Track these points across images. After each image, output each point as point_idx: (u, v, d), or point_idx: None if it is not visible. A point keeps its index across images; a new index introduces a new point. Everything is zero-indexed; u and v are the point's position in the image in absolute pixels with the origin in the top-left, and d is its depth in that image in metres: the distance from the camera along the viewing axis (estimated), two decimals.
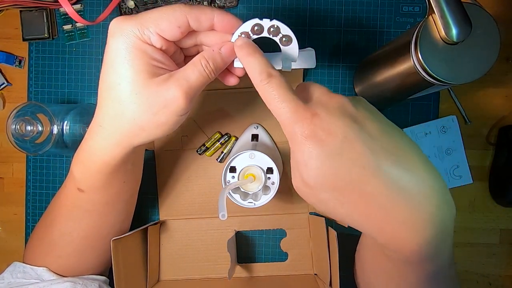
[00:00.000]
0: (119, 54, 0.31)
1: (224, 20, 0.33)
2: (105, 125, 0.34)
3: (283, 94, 0.29)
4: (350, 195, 0.27)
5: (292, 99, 0.29)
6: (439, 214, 0.27)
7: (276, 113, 0.29)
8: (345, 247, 0.42)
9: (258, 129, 0.52)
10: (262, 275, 0.53)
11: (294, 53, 0.35)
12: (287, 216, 0.53)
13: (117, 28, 0.32)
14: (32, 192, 0.54)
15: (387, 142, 0.28)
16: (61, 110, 0.48)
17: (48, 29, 0.52)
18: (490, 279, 0.53)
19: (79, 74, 0.54)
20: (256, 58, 0.31)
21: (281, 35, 0.34)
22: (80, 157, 0.38)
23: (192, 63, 0.33)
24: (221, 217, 0.38)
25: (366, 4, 0.52)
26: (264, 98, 0.30)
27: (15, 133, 0.45)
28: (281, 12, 0.53)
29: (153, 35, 0.32)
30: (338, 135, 0.27)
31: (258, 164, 0.42)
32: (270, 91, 0.29)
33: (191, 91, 0.32)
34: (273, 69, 0.30)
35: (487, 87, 0.53)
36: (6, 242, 0.55)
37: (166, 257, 0.53)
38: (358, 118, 0.28)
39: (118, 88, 0.32)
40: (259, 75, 0.30)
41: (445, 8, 0.31)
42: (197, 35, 0.35)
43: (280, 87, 0.29)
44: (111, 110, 0.33)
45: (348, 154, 0.27)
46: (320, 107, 0.28)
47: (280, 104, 0.29)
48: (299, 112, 0.28)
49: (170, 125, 0.34)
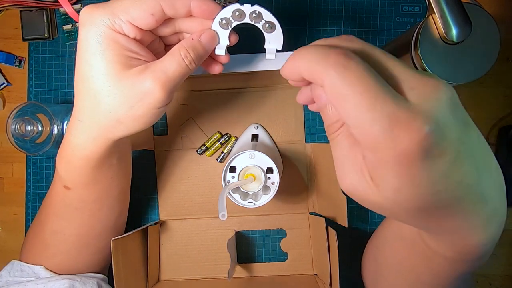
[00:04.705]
0: (91, 45, 0.30)
1: (202, 5, 0.31)
2: (83, 118, 0.33)
3: (372, 87, 0.20)
4: (440, 211, 0.23)
5: (387, 95, 0.20)
6: (501, 211, 0.25)
7: (356, 117, 0.20)
8: (345, 247, 0.42)
9: (258, 129, 0.52)
10: (262, 275, 0.53)
11: (278, 40, 0.33)
12: (287, 216, 0.53)
13: (87, 18, 0.30)
14: (32, 192, 0.54)
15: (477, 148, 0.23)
16: (61, 110, 0.48)
17: (48, 29, 0.52)
18: (490, 279, 0.53)
19: None
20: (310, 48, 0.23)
21: (264, 21, 0.32)
22: (62, 154, 0.37)
23: (171, 53, 0.31)
24: (221, 217, 0.38)
25: (366, 4, 0.52)
26: (335, 93, 0.20)
27: (15, 133, 0.45)
28: (281, 12, 0.53)
29: (125, 24, 0.30)
30: (452, 152, 0.20)
31: (258, 164, 0.42)
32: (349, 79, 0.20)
33: (170, 83, 0.31)
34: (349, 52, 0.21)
35: (487, 87, 0.53)
36: (6, 242, 0.55)
37: (166, 257, 0.53)
38: (467, 120, 0.22)
39: (91, 80, 0.31)
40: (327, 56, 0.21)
41: (445, 8, 0.31)
42: (175, 22, 0.33)
43: (365, 74, 0.20)
44: (87, 103, 0.32)
45: (455, 176, 0.21)
46: (423, 106, 0.20)
47: (367, 102, 0.19)
48: (401, 121, 0.19)
49: (148, 118, 0.32)
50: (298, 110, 0.53)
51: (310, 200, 0.53)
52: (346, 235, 0.52)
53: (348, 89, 0.20)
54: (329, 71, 0.20)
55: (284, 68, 0.24)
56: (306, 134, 0.53)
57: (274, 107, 0.52)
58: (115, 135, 0.34)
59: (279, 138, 0.53)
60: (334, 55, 0.21)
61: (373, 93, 0.19)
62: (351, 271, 0.46)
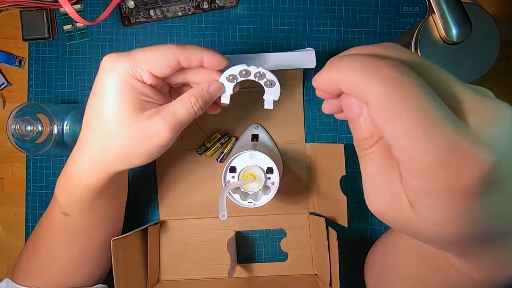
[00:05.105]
0: (111, 89, 0.33)
1: (213, 59, 0.34)
2: (90, 152, 0.35)
3: (429, 109, 0.17)
4: (486, 244, 0.21)
5: (447, 119, 0.17)
6: None
7: (407, 142, 0.17)
8: (345, 247, 0.42)
9: (258, 129, 0.52)
10: (262, 275, 0.53)
11: (276, 94, 0.38)
12: (287, 216, 0.53)
13: (110, 65, 0.33)
14: (32, 192, 0.54)
15: None
16: (61, 110, 0.48)
17: (48, 29, 0.52)
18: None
19: (79, 74, 0.54)
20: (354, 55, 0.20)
21: (266, 80, 0.37)
22: (63, 183, 0.39)
23: (181, 99, 0.35)
24: (221, 217, 0.38)
25: (366, 4, 0.52)
26: (384, 113, 0.18)
27: (15, 133, 0.45)
28: (280, 12, 0.53)
29: (145, 73, 0.33)
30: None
31: (258, 164, 0.42)
32: (402, 99, 0.17)
33: (178, 126, 0.34)
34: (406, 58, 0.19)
35: (487, 87, 0.53)
36: (6, 242, 0.55)
37: (166, 257, 0.53)
38: None
39: (105, 119, 0.34)
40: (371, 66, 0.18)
41: (445, 8, 0.31)
42: (186, 72, 0.37)
43: (421, 93, 0.17)
44: (97, 138, 0.35)
45: (510, 208, 0.19)
46: (484, 132, 0.18)
47: (423, 127, 0.17)
48: (463, 151, 0.17)
49: (153, 154, 0.35)
50: (298, 110, 0.53)
51: (310, 200, 0.53)
52: (346, 235, 0.52)
53: (400, 110, 0.17)
54: (377, 86, 0.18)
55: (319, 79, 0.21)
56: (306, 134, 0.53)
57: (274, 107, 0.52)
58: (119, 168, 0.36)
59: (279, 138, 0.53)
60: (385, 68, 0.18)
61: (431, 117, 0.17)
62: (351, 271, 0.46)
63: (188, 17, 0.53)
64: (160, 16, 0.52)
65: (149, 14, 0.52)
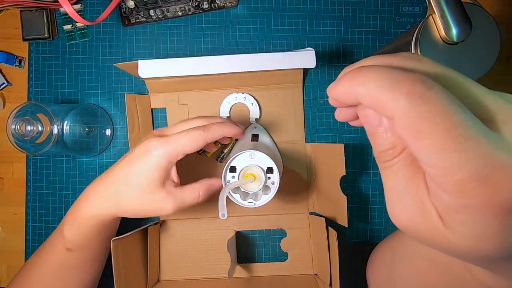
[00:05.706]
0: (147, 167, 0.39)
1: (231, 133, 0.41)
2: (106, 202, 0.41)
3: (460, 123, 0.16)
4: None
5: (480, 133, 0.16)
6: None
7: (437, 158, 0.17)
8: (345, 247, 0.42)
9: (258, 129, 0.52)
10: (262, 275, 0.53)
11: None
12: (287, 216, 0.53)
13: (154, 148, 0.39)
14: (32, 192, 0.54)
15: None
16: (61, 110, 0.48)
17: (48, 29, 0.52)
18: None
19: (79, 74, 0.54)
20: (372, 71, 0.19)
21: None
22: (74, 221, 0.43)
23: (192, 189, 0.41)
24: (221, 217, 0.38)
25: (366, 4, 0.52)
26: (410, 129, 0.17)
27: (15, 133, 0.45)
28: (280, 12, 0.53)
29: (180, 156, 0.40)
30: None
31: (258, 164, 0.42)
32: (429, 114, 0.16)
33: (182, 208, 0.41)
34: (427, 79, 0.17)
35: (487, 87, 0.53)
36: (6, 242, 0.55)
37: (166, 257, 0.53)
38: None
39: (133, 186, 0.40)
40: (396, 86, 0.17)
41: (445, 8, 0.31)
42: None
43: (450, 107, 0.16)
44: (118, 196, 0.41)
45: None
46: None
47: (455, 142, 0.16)
48: (500, 165, 0.16)
49: (152, 216, 0.46)
50: (298, 110, 0.53)
51: (310, 200, 0.53)
52: (346, 235, 0.52)
53: (428, 126, 0.16)
54: (402, 102, 0.17)
55: (337, 91, 0.20)
56: (306, 134, 0.53)
57: (274, 107, 0.52)
58: (125, 216, 0.43)
59: (279, 138, 0.53)
60: (409, 82, 0.17)
61: (462, 131, 0.16)
62: (351, 271, 0.46)
63: (188, 17, 0.53)
64: (160, 16, 0.52)
65: (149, 14, 0.52)
